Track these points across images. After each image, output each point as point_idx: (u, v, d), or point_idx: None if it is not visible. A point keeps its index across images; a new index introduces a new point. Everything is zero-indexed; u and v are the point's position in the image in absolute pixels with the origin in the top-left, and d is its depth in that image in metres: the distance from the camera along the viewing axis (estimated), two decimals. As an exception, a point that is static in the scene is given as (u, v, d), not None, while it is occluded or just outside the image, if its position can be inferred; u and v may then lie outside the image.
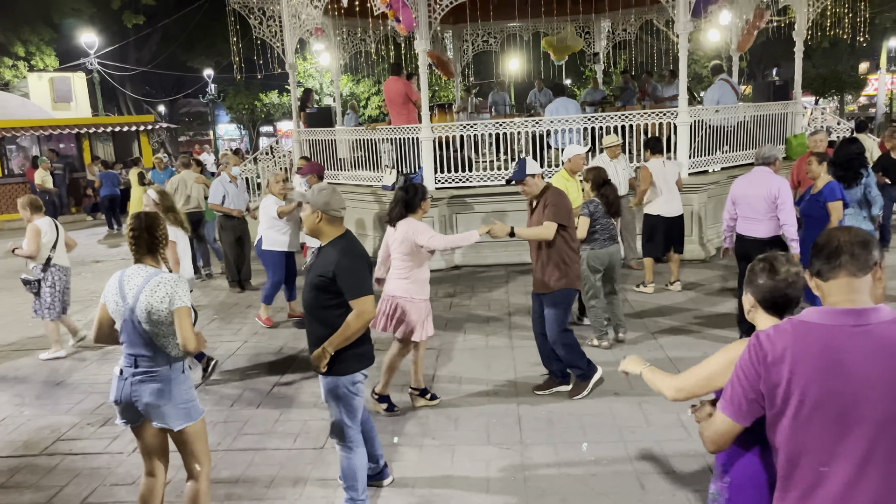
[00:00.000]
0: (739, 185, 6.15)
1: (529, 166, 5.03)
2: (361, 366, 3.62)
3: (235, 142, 45.95)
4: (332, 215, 3.54)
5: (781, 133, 11.21)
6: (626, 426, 4.75)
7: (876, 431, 1.84)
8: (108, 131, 21.74)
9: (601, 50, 15.47)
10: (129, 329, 3.30)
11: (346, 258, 3.46)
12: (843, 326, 1.88)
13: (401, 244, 4.85)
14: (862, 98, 40.69)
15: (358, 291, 3.43)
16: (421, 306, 4.95)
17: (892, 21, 26.11)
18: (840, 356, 1.86)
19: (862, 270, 1.90)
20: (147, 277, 3.29)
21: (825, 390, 1.87)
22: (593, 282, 6.24)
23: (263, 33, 12.11)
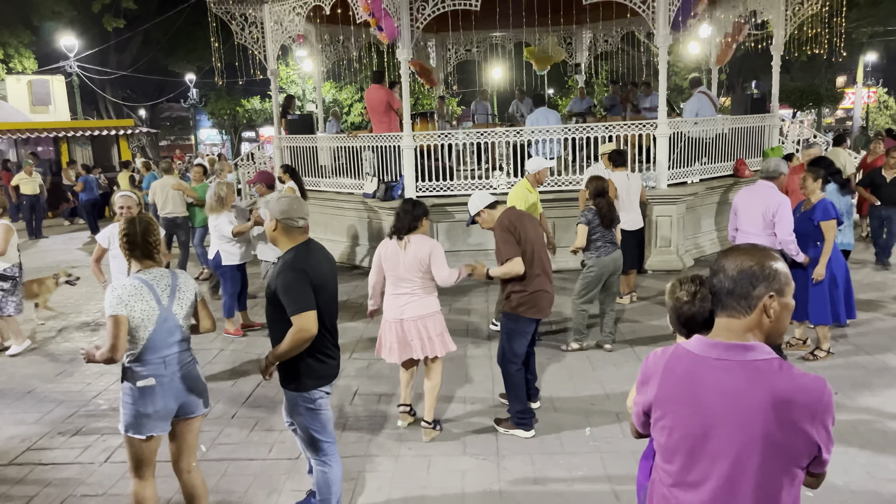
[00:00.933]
0: (741, 197, 6.14)
1: (473, 204, 4.83)
2: (320, 383, 3.49)
3: (217, 147, 45.71)
4: (289, 224, 3.42)
5: (759, 145, 11.35)
6: (602, 438, 4.77)
7: (729, 465, 1.80)
8: (87, 135, 21.53)
9: (583, 60, 15.58)
10: (169, 329, 3.38)
11: (284, 273, 3.33)
12: (707, 358, 1.85)
13: (422, 262, 4.56)
14: (839, 111, 41.35)
15: (296, 307, 3.28)
16: (441, 317, 4.81)
17: (869, 36, 26.58)
18: (695, 386, 1.85)
19: (740, 312, 1.84)
20: (173, 276, 3.46)
21: (679, 416, 1.88)
22: (592, 288, 6.29)
23: (245, 39, 12.06)
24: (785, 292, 1.83)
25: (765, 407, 1.73)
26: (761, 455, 1.76)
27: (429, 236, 4.80)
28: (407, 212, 4.68)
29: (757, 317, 1.82)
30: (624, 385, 5.64)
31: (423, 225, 4.70)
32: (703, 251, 10.35)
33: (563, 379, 5.83)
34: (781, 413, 1.73)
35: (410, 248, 4.58)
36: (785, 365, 1.78)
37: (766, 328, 1.84)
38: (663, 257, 9.68)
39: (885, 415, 4.92)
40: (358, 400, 5.60)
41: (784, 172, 6.09)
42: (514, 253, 4.61)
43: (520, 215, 4.80)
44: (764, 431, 1.74)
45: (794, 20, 11.26)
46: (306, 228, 3.52)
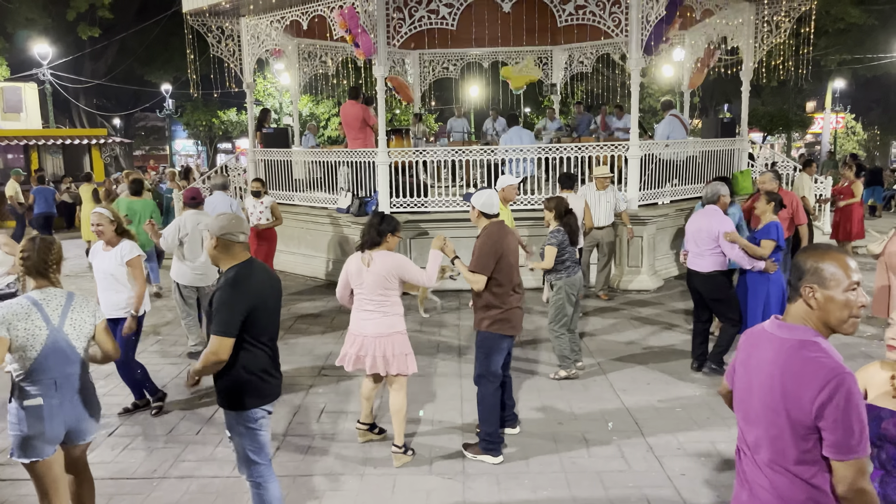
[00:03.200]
0: (690, 222, 6.47)
1: (476, 196, 4.78)
2: (258, 403, 3.44)
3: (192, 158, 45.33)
4: (229, 240, 3.42)
5: (729, 168, 11.55)
6: (568, 458, 4.78)
7: (761, 420, 2.18)
8: (59, 144, 21.23)
9: (559, 80, 15.77)
10: (60, 350, 3.32)
11: (222, 290, 3.33)
12: (767, 332, 2.24)
13: (385, 279, 4.52)
14: (808, 136, 42.21)
15: (217, 329, 3.26)
16: (407, 337, 4.75)
17: (837, 63, 27.21)
18: (752, 351, 2.27)
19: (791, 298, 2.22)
20: (69, 297, 3.43)
21: (739, 373, 2.32)
22: (566, 311, 6.26)
23: (222, 52, 12.03)
24: (828, 286, 2.11)
25: (781, 377, 2.09)
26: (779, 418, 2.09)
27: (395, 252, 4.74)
28: (372, 226, 4.64)
29: (803, 305, 2.16)
30: (591, 405, 5.67)
31: (389, 241, 4.61)
32: (671, 272, 10.48)
33: (531, 398, 5.85)
34: (791, 386, 2.06)
35: (373, 266, 4.53)
36: (812, 347, 2.08)
37: (816, 316, 2.15)
38: (633, 277, 9.79)
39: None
40: (325, 417, 5.56)
41: (724, 194, 6.36)
42: (486, 271, 4.59)
43: (506, 232, 4.76)
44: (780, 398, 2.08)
45: (763, 47, 11.52)
46: (247, 245, 3.53)
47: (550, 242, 6.15)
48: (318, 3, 9.99)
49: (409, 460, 4.76)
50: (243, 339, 3.35)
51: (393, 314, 4.64)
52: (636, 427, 5.25)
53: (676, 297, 9.28)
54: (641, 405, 5.66)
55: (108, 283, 5.39)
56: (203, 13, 11.51)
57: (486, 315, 4.70)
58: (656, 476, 4.49)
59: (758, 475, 2.19)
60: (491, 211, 4.74)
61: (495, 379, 4.79)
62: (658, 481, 4.43)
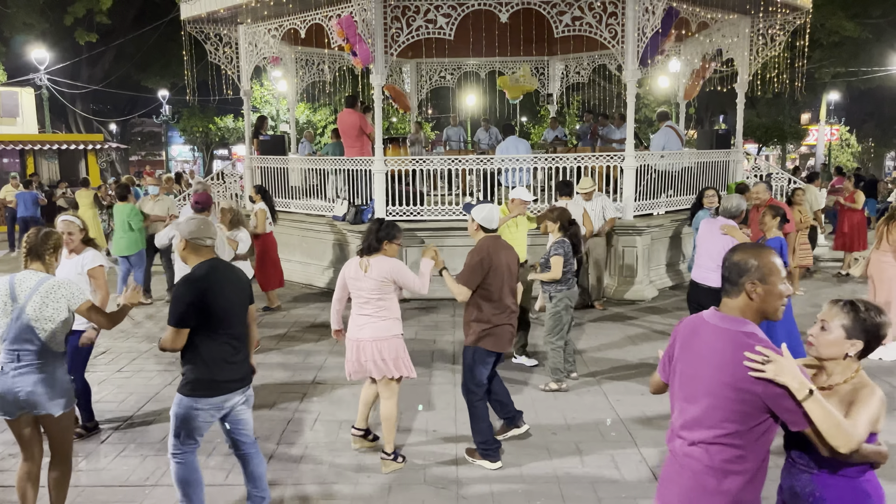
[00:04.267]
0: (707, 235, 6.30)
1: (478, 209, 4.81)
2: (199, 393, 3.71)
3: (188, 164, 45.31)
4: (197, 244, 3.79)
5: (723, 179, 11.61)
6: (561, 467, 4.79)
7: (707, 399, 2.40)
8: (54, 149, 21.22)
9: (555, 91, 15.85)
10: (21, 326, 3.68)
11: (179, 286, 3.72)
12: (709, 323, 2.47)
13: (380, 284, 4.54)
14: (803, 147, 42.44)
15: (170, 319, 3.64)
16: (403, 342, 4.77)
17: (831, 76, 27.40)
18: (696, 339, 2.49)
19: (729, 293, 2.45)
20: (39, 281, 3.76)
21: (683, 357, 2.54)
22: (563, 323, 6.25)
23: (219, 59, 12.07)
24: (769, 280, 2.36)
25: (733, 366, 2.32)
26: (725, 397, 2.34)
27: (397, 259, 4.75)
28: (371, 231, 4.65)
29: (744, 298, 2.39)
30: (585, 415, 5.68)
31: (387, 248, 4.62)
32: (667, 282, 10.51)
33: (525, 408, 5.84)
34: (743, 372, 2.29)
35: (371, 271, 4.56)
36: (755, 337, 2.34)
37: (755, 308, 2.40)
38: (627, 287, 9.81)
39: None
40: (319, 426, 5.55)
41: (744, 210, 6.34)
42: (469, 285, 4.64)
43: (499, 247, 4.75)
44: (730, 381, 2.32)
45: (758, 60, 11.61)
46: (213, 248, 3.89)
47: (557, 253, 6.15)
48: (316, 11, 10.04)
49: (398, 467, 4.76)
50: (198, 331, 3.66)
51: (390, 318, 4.66)
52: (630, 437, 5.26)
53: (672, 307, 9.30)
54: (635, 416, 5.67)
55: None
56: (201, 20, 11.54)
57: (473, 329, 4.74)
58: (649, 486, 4.50)
59: (689, 451, 2.44)
60: (490, 226, 4.79)
61: (479, 390, 4.81)
62: (650, 491, 4.43)
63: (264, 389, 6.39)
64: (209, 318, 3.66)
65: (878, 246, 7.20)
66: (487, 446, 4.78)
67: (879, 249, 7.16)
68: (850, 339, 2.49)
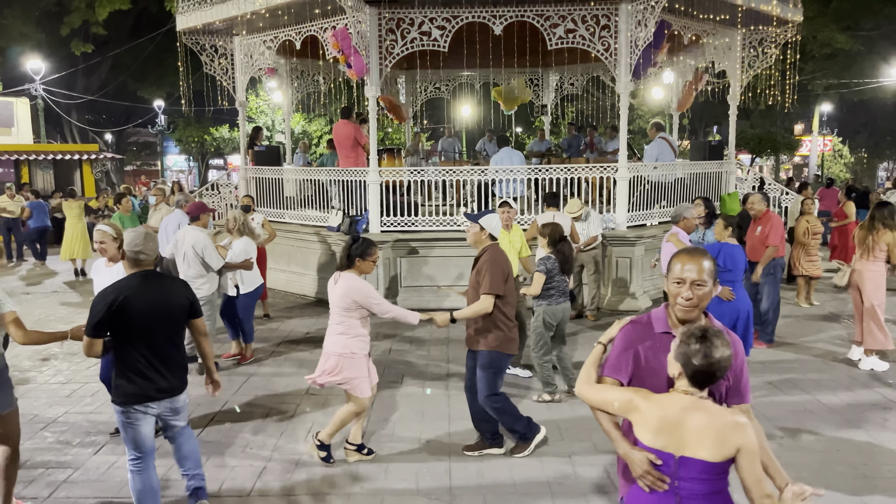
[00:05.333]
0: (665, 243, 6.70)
1: (487, 218, 4.94)
2: (128, 399, 3.83)
3: (183, 174, 45.32)
4: (134, 257, 3.90)
5: (717, 190, 11.68)
6: (553, 476, 4.80)
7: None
8: (50, 159, 21.23)
9: (549, 102, 15.94)
10: None
11: (98, 293, 3.83)
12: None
13: (341, 299, 4.70)
14: (796, 158, 42.69)
15: (87, 329, 3.78)
16: (361, 362, 4.82)
17: (824, 88, 27.60)
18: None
19: None
20: None
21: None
22: (546, 338, 6.27)
23: (215, 70, 12.11)
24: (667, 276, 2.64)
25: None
26: None
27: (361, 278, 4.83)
28: (345, 248, 4.80)
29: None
30: (577, 425, 5.69)
31: (359, 265, 4.74)
32: (660, 293, 10.54)
33: (518, 418, 5.86)
34: None
35: (338, 286, 4.73)
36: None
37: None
38: (622, 298, 9.85)
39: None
40: (312, 437, 5.55)
41: (684, 215, 6.73)
42: (498, 290, 4.76)
43: (504, 254, 4.99)
44: None
45: (750, 72, 11.71)
46: (150, 261, 3.96)
47: (539, 269, 6.19)
48: (312, 23, 10.10)
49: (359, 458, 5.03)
50: (114, 340, 3.80)
51: (347, 335, 4.75)
52: (622, 448, 5.27)
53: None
54: (628, 426, 5.68)
55: None
56: (197, 31, 11.60)
57: (494, 334, 4.87)
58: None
59: None
60: (497, 234, 5.01)
61: (500, 393, 5.03)
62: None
63: (258, 400, 6.39)
64: (129, 329, 3.76)
65: (863, 255, 7.12)
66: (526, 431, 5.05)
67: (868, 259, 7.10)
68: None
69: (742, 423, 2.37)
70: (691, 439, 2.40)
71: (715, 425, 2.37)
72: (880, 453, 5.14)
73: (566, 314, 6.38)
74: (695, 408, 2.41)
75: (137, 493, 3.97)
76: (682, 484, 2.43)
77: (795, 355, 7.63)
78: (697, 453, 2.38)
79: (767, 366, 7.17)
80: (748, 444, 2.34)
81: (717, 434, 2.36)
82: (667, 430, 2.44)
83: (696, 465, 2.39)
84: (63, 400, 6.43)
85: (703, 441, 2.37)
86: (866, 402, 6.20)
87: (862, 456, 5.09)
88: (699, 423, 2.39)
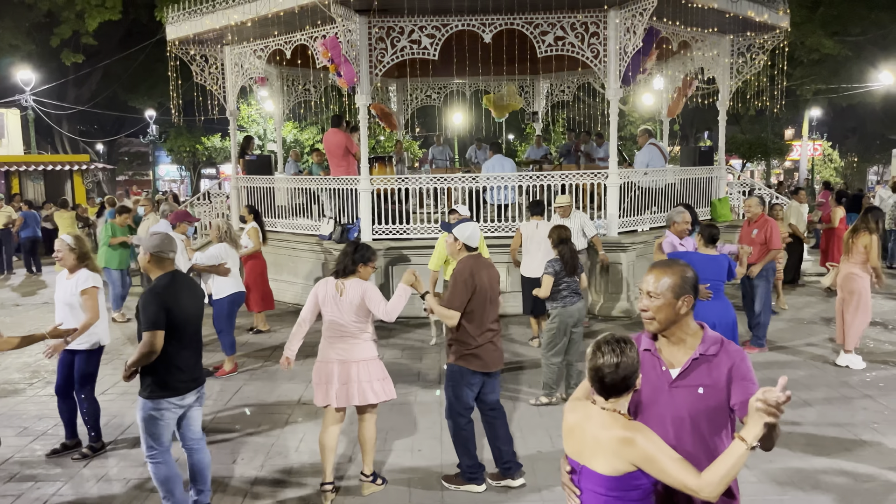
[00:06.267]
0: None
1: (460, 228, 4.71)
2: (164, 394, 4.04)
3: (175, 183, 45.22)
4: (160, 256, 4.18)
5: (707, 195, 11.73)
6: (545, 486, 4.79)
7: None
8: (40, 170, 21.16)
9: (540, 109, 15.99)
10: None
11: (146, 293, 4.07)
12: None
13: (356, 307, 4.50)
14: (787, 162, 42.91)
15: (147, 325, 3.96)
16: (381, 363, 4.70)
17: (813, 93, 27.78)
18: None
19: None
20: None
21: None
22: (558, 340, 6.26)
23: (205, 80, 12.10)
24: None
25: None
26: None
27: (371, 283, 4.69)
28: (346, 254, 4.63)
29: None
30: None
31: (362, 271, 4.60)
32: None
33: (510, 425, 5.84)
34: None
35: (346, 294, 4.51)
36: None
37: None
38: (613, 303, 9.86)
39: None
40: (303, 447, 5.53)
41: (675, 221, 6.80)
42: (459, 307, 4.52)
43: (480, 266, 4.66)
44: None
45: (739, 78, 11.78)
46: (173, 261, 4.25)
47: (547, 272, 6.23)
48: (301, 32, 10.11)
49: (379, 489, 4.72)
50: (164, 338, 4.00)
51: (364, 340, 4.59)
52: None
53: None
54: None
55: (63, 312, 5.27)
56: (187, 41, 11.59)
57: (455, 349, 4.65)
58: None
59: None
60: (473, 244, 4.70)
61: (466, 412, 4.71)
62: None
63: (249, 410, 6.36)
64: (173, 325, 4.02)
65: (846, 258, 7.35)
66: (473, 470, 4.72)
67: (849, 261, 7.30)
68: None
69: (628, 437, 2.26)
70: (588, 449, 2.37)
71: (604, 438, 2.31)
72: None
73: (582, 314, 6.40)
74: (594, 416, 2.39)
75: (163, 480, 4.13)
76: (583, 497, 2.40)
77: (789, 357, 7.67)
78: (593, 464, 2.35)
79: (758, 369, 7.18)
80: (642, 455, 2.24)
81: (607, 447, 2.30)
82: (571, 436, 2.44)
83: (593, 476, 2.35)
84: (52, 412, 6.36)
85: (597, 452, 2.34)
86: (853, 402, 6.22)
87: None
88: (594, 434, 2.35)
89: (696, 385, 2.47)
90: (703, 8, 9.52)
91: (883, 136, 36.70)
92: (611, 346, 2.36)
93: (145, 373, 4.06)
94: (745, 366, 2.48)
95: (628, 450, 2.26)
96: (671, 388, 2.51)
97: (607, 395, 2.37)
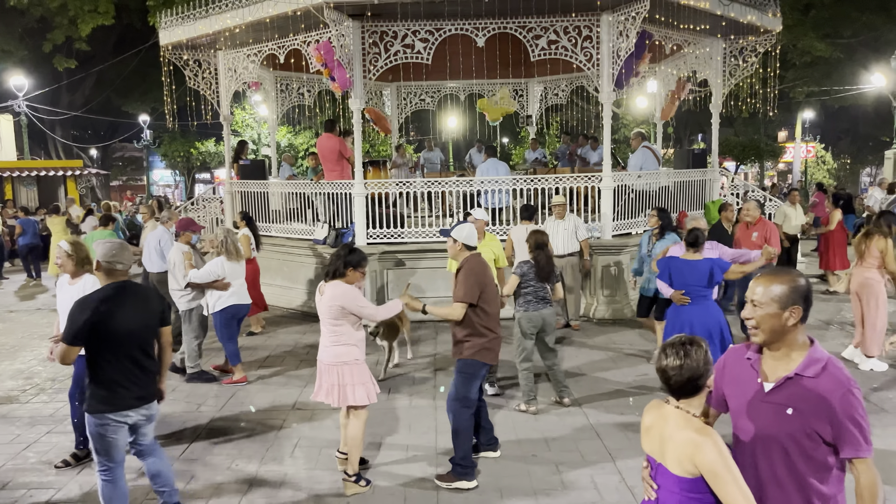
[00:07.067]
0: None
1: (458, 230, 4.89)
2: (104, 409, 3.89)
3: (170, 188, 45.12)
4: (110, 267, 4.01)
5: (701, 198, 11.76)
6: (540, 487, 4.79)
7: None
8: (33, 175, 21.09)
9: (534, 112, 16.01)
10: None
11: (76, 303, 3.89)
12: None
13: (328, 308, 4.62)
14: (780, 164, 43.07)
15: (65, 336, 3.82)
16: (364, 367, 4.77)
17: (805, 95, 27.90)
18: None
19: None
20: None
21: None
22: (525, 345, 6.24)
23: (198, 85, 12.08)
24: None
25: None
26: None
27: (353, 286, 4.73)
28: (339, 256, 4.73)
29: None
30: (565, 435, 5.69)
31: (350, 275, 4.67)
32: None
33: (505, 428, 5.85)
34: None
35: (324, 296, 4.68)
36: None
37: None
38: (609, 307, 9.87)
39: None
40: (298, 451, 5.52)
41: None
42: (470, 299, 4.70)
43: (484, 264, 4.93)
44: None
45: (731, 81, 11.82)
46: (125, 272, 4.07)
47: (514, 271, 6.28)
48: (295, 37, 10.11)
49: (362, 490, 4.74)
50: (99, 351, 3.85)
51: (344, 343, 4.68)
52: (609, 457, 5.27)
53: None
54: (616, 435, 5.68)
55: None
56: (180, 46, 11.57)
57: (471, 343, 4.81)
58: (629, 507, 4.51)
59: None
60: (472, 244, 4.91)
61: (471, 405, 4.90)
62: (631, 512, 4.45)
63: (244, 415, 6.34)
64: (109, 339, 3.84)
65: (860, 262, 7.28)
66: (465, 464, 4.81)
67: (863, 265, 7.23)
68: None
69: (697, 440, 2.27)
70: (663, 448, 2.42)
71: (677, 438, 2.35)
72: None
73: (547, 321, 6.24)
74: (669, 416, 2.44)
75: (107, 499, 4.03)
76: (659, 493, 2.44)
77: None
78: (667, 463, 2.39)
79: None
80: (707, 465, 2.25)
81: (678, 448, 2.33)
82: (648, 435, 2.50)
83: (668, 475, 2.39)
84: (45, 419, 6.36)
85: (670, 452, 2.38)
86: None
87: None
88: (668, 433, 2.40)
89: (786, 405, 2.35)
90: (695, 11, 9.55)
91: (875, 138, 36.85)
92: (675, 349, 2.40)
93: (88, 385, 3.94)
94: (849, 401, 2.28)
95: (696, 453, 2.29)
96: (761, 402, 2.42)
97: (677, 396, 2.43)
